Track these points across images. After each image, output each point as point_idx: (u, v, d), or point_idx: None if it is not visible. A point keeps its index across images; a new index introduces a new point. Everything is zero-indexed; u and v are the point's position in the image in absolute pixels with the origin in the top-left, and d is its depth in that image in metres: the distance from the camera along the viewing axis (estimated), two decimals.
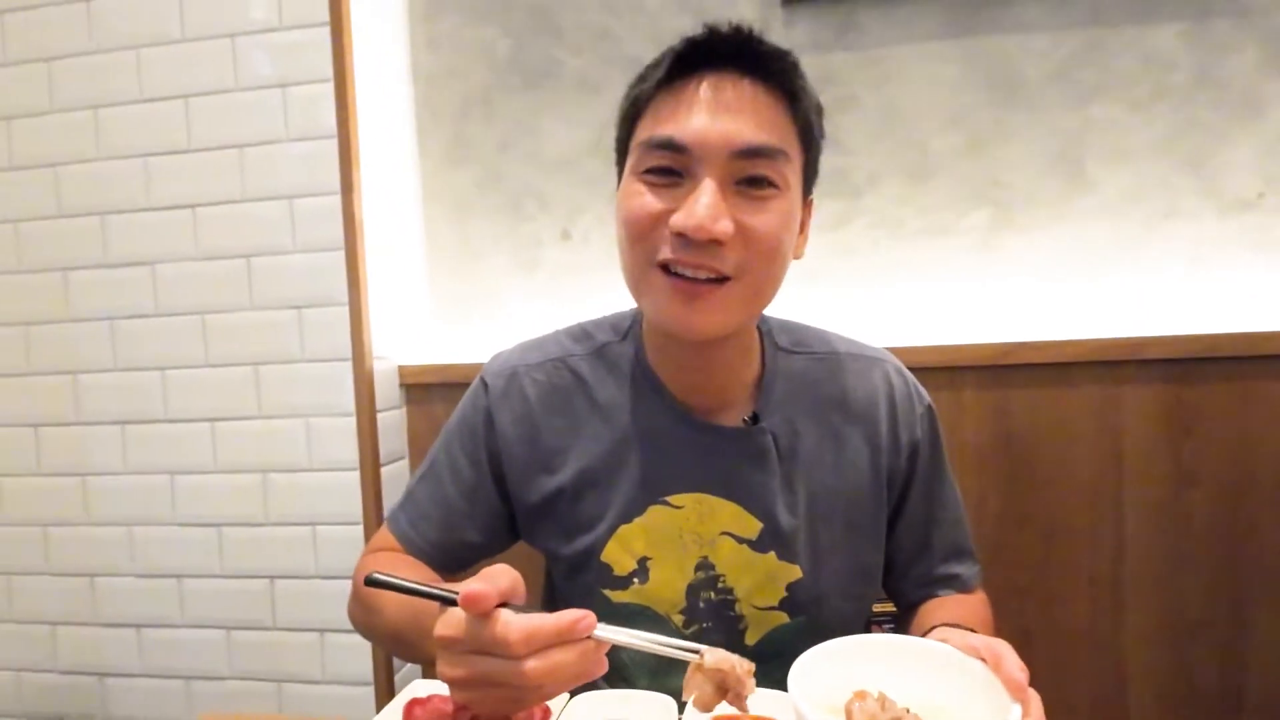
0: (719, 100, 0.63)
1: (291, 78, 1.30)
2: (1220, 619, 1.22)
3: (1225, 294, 1.26)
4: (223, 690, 1.40)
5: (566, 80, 1.43)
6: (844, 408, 0.75)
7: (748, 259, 0.63)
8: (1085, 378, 1.22)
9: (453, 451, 0.78)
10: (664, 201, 0.64)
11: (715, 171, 0.62)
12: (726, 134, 0.62)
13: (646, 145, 0.65)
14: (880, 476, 0.75)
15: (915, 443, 0.76)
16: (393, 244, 1.41)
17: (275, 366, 1.35)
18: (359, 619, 0.76)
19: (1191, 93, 1.26)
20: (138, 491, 1.41)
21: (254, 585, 1.38)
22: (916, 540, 0.78)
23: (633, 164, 0.66)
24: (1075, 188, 1.30)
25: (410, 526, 0.77)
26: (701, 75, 0.64)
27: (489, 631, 0.45)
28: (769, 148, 0.63)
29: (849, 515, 0.74)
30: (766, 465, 0.71)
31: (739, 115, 0.63)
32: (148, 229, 1.37)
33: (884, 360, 0.79)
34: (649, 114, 0.66)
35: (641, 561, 0.72)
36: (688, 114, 0.63)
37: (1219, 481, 1.20)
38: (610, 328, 0.79)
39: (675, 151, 0.63)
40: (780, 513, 0.71)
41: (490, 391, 0.77)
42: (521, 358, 0.78)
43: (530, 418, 0.75)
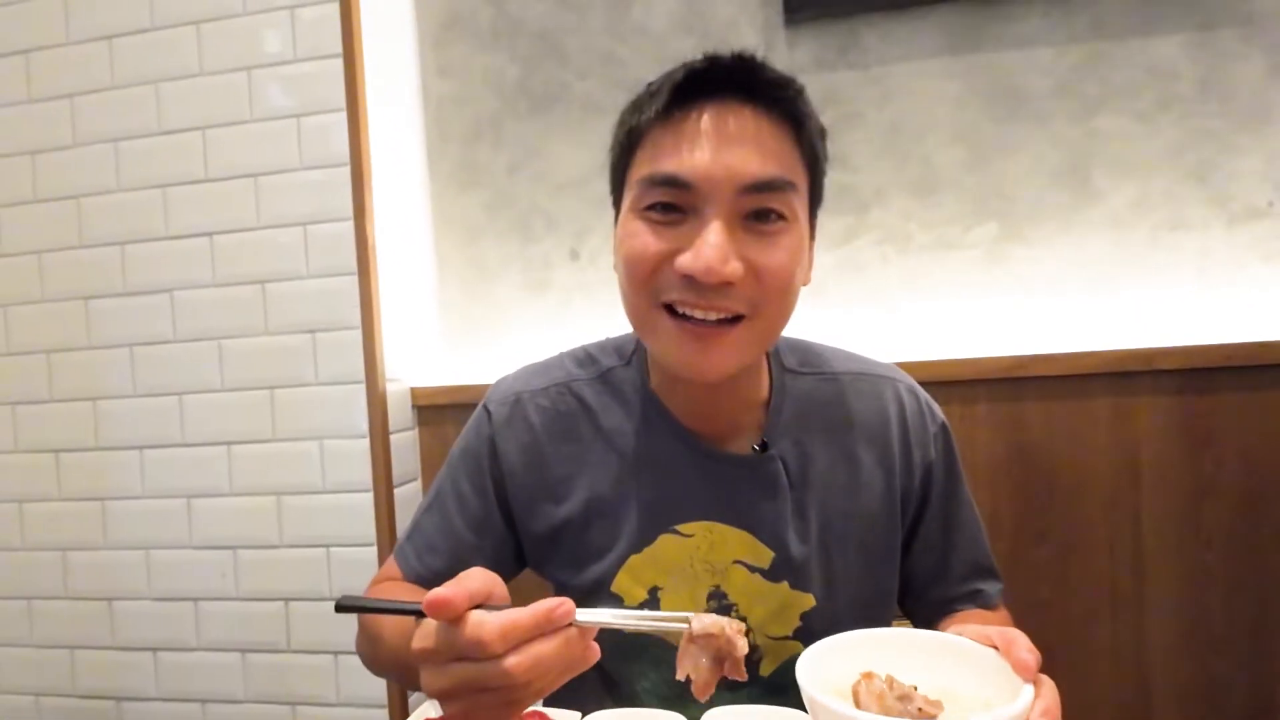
0: (722, 132, 0.60)
1: (305, 108, 1.33)
2: (1245, 631, 1.19)
3: (1237, 304, 1.25)
4: (238, 713, 1.41)
5: (573, 104, 1.45)
6: (855, 429, 0.73)
7: (760, 296, 0.61)
8: (1100, 389, 1.21)
9: (458, 481, 0.76)
10: (667, 241, 0.61)
11: (721, 208, 0.60)
12: (732, 169, 0.59)
13: (647, 182, 0.62)
14: (894, 498, 0.72)
15: (929, 463, 0.74)
16: (404, 267, 1.43)
17: (289, 390, 1.37)
18: (365, 653, 0.74)
19: (1197, 103, 1.26)
20: (155, 515, 1.42)
21: (268, 608, 1.39)
22: (934, 563, 0.75)
23: (632, 200, 0.64)
24: (1081, 200, 1.30)
25: (417, 560, 0.75)
26: (702, 105, 0.61)
27: (463, 636, 0.43)
28: (777, 181, 0.61)
29: (863, 539, 0.72)
30: (777, 493, 0.70)
31: (744, 148, 0.60)
32: (166, 257, 1.40)
33: (895, 379, 0.76)
34: (647, 146, 0.63)
35: (652, 591, 0.70)
36: (690, 148, 0.60)
37: (1238, 491, 1.19)
38: (614, 351, 0.77)
39: (678, 188, 0.60)
40: (792, 541, 0.69)
41: (494, 419, 0.75)
42: (525, 383, 0.76)
43: (536, 445, 0.73)
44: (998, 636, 0.47)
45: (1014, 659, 0.45)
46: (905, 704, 0.45)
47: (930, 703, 0.45)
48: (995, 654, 0.47)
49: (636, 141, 0.64)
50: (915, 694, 0.46)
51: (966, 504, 0.77)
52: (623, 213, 0.66)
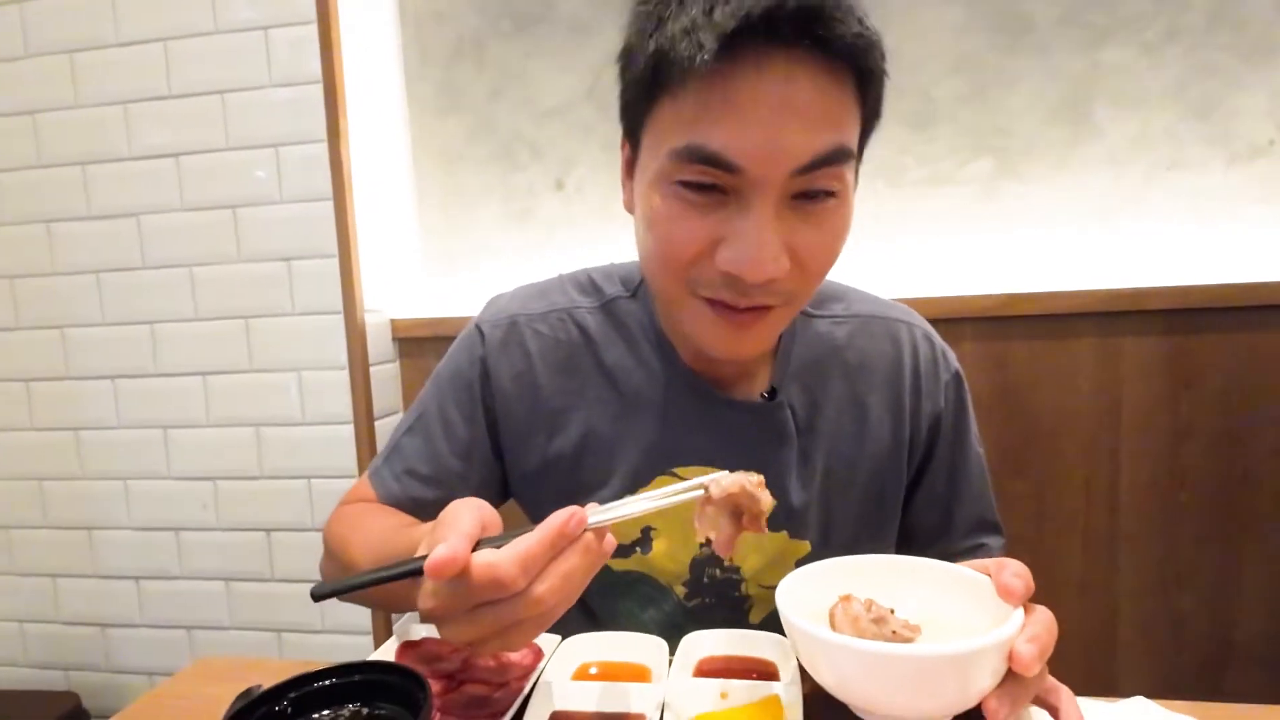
0: (780, 100, 0.50)
1: (273, 19, 1.26)
2: (1210, 570, 1.23)
3: (1231, 244, 1.24)
4: (224, 639, 1.42)
5: (559, 24, 1.38)
6: (866, 374, 0.69)
7: (802, 285, 0.56)
8: (1086, 329, 1.21)
9: (445, 405, 0.71)
10: (707, 228, 0.53)
11: (771, 194, 0.52)
12: (788, 148, 0.50)
13: (685, 154, 0.52)
14: (901, 447, 0.70)
15: (938, 413, 0.71)
16: (382, 194, 1.38)
17: (266, 319, 1.33)
18: (331, 577, 0.69)
19: (1206, 35, 1.22)
20: (131, 446, 1.41)
21: (251, 538, 1.39)
22: (937, 516, 0.72)
23: (662, 169, 0.54)
24: (1080, 135, 1.27)
25: (396, 482, 0.71)
26: (757, 59, 0.49)
27: (478, 582, 0.40)
28: (836, 153, 0.52)
29: (865, 487, 0.69)
30: (783, 441, 0.67)
31: (803, 119, 0.50)
32: (131, 179, 1.34)
33: (911, 323, 0.72)
34: (684, 101, 0.51)
35: (645, 531, 0.68)
36: (739, 121, 0.50)
37: (1215, 433, 1.20)
38: (620, 281, 0.71)
39: (722, 168, 0.51)
40: (794, 489, 0.67)
41: (487, 341, 0.70)
42: (522, 306, 0.71)
43: (531, 374, 0.69)
44: (992, 564, 0.46)
45: (999, 582, 0.44)
46: (880, 626, 0.44)
47: (907, 626, 0.45)
48: (989, 581, 0.45)
49: (665, 80, 0.52)
50: (892, 617, 0.45)
51: (974, 457, 0.73)
52: (648, 175, 0.56)
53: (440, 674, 0.57)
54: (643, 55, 0.53)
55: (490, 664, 0.57)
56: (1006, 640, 0.40)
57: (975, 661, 0.40)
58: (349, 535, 0.65)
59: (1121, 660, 1.26)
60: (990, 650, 0.40)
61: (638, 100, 0.56)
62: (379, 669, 0.48)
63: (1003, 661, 0.41)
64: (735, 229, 0.53)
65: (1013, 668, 0.41)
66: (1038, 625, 0.43)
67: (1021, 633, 0.41)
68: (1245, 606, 1.23)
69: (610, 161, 1.41)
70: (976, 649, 0.39)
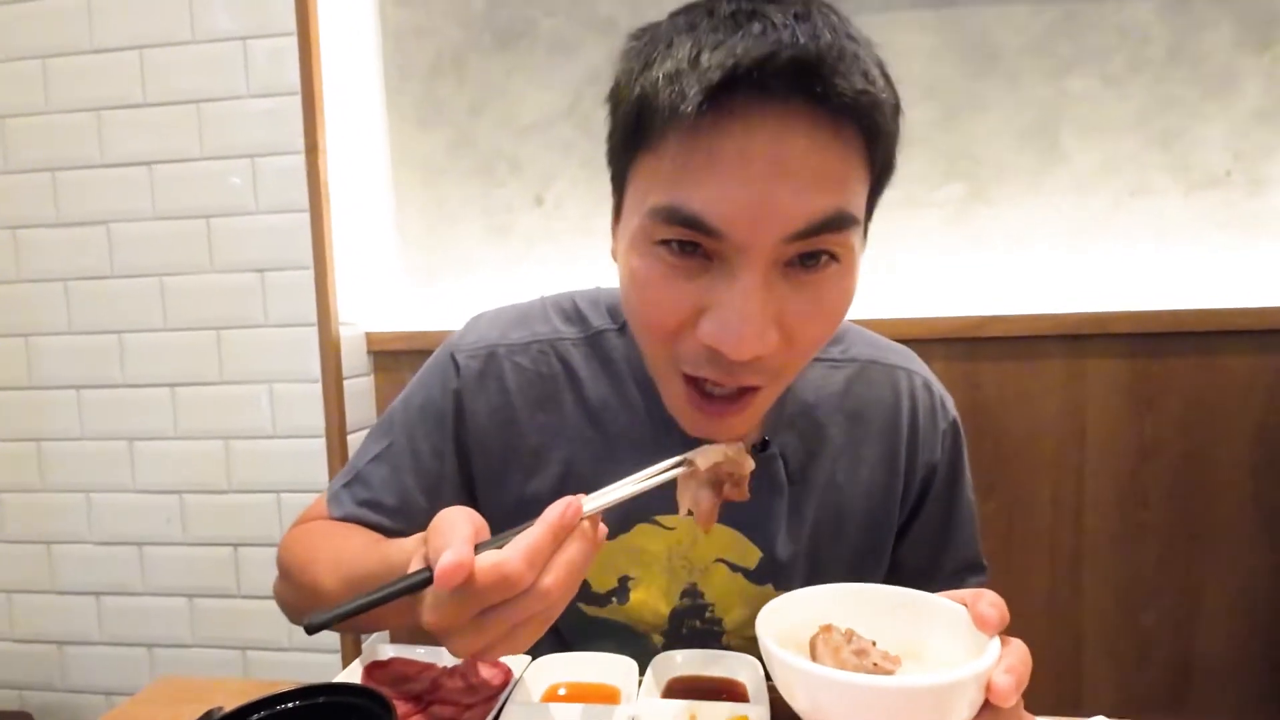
0: (771, 160, 0.44)
1: (253, 30, 1.25)
2: (1172, 588, 1.25)
3: (1191, 270, 1.28)
4: (186, 657, 1.39)
5: (540, 41, 1.39)
6: (863, 423, 0.66)
7: (790, 361, 0.51)
8: (1054, 351, 1.24)
9: (415, 437, 0.67)
10: (689, 296, 0.48)
11: (759, 261, 0.46)
12: (777, 212, 0.45)
13: (664, 215, 0.47)
14: (893, 497, 0.68)
15: (933, 464, 0.69)
16: (360, 206, 1.37)
17: (238, 331, 1.31)
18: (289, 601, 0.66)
19: (1166, 68, 1.26)
20: (95, 457, 1.37)
21: (217, 553, 1.36)
22: (924, 557, 0.71)
23: (641, 228, 0.49)
24: (1048, 161, 1.30)
25: (356, 509, 0.67)
26: (745, 113, 0.44)
27: (485, 584, 0.39)
28: (834, 219, 0.46)
29: (855, 538, 0.67)
30: (774, 492, 0.64)
31: (796, 180, 0.45)
32: (102, 186, 1.32)
33: (911, 370, 0.69)
34: (664, 155, 0.47)
35: (622, 580, 0.65)
36: (723, 181, 0.45)
37: (1177, 454, 1.23)
38: (608, 312, 0.67)
39: (705, 233, 0.46)
40: (782, 542, 0.65)
41: (462, 373, 0.66)
42: (502, 334, 0.67)
43: (508, 409, 0.65)
44: (969, 594, 0.46)
45: (974, 612, 0.44)
46: (861, 658, 0.44)
47: (888, 658, 0.45)
48: (965, 611, 0.46)
49: (647, 129, 0.47)
50: (873, 649, 0.45)
51: (965, 503, 0.71)
52: (629, 231, 0.51)
53: (408, 695, 0.56)
54: (628, 99, 0.49)
55: (459, 685, 0.57)
56: (984, 672, 0.41)
57: (954, 693, 0.40)
58: (312, 556, 0.62)
59: (1086, 677, 1.28)
60: (969, 682, 0.40)
61: (622, 146, 0.52)
62: (345, 691, 0.48)
63: (980, 692, 0.41)
64: (718, 298, 0.47)
65: (990, 699, 0.41)
66: (1014, 657, 0.43)
67: (999, 664, 0.42)
68: (1206, 624, 1.25)
69: (590, 178, 1.42)
70: (956, 680, 0.40)
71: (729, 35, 0.44)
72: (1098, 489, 1.25)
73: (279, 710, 0.46)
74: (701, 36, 0.45)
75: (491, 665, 0.59)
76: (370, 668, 0.59)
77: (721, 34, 0.45)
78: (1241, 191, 1.27)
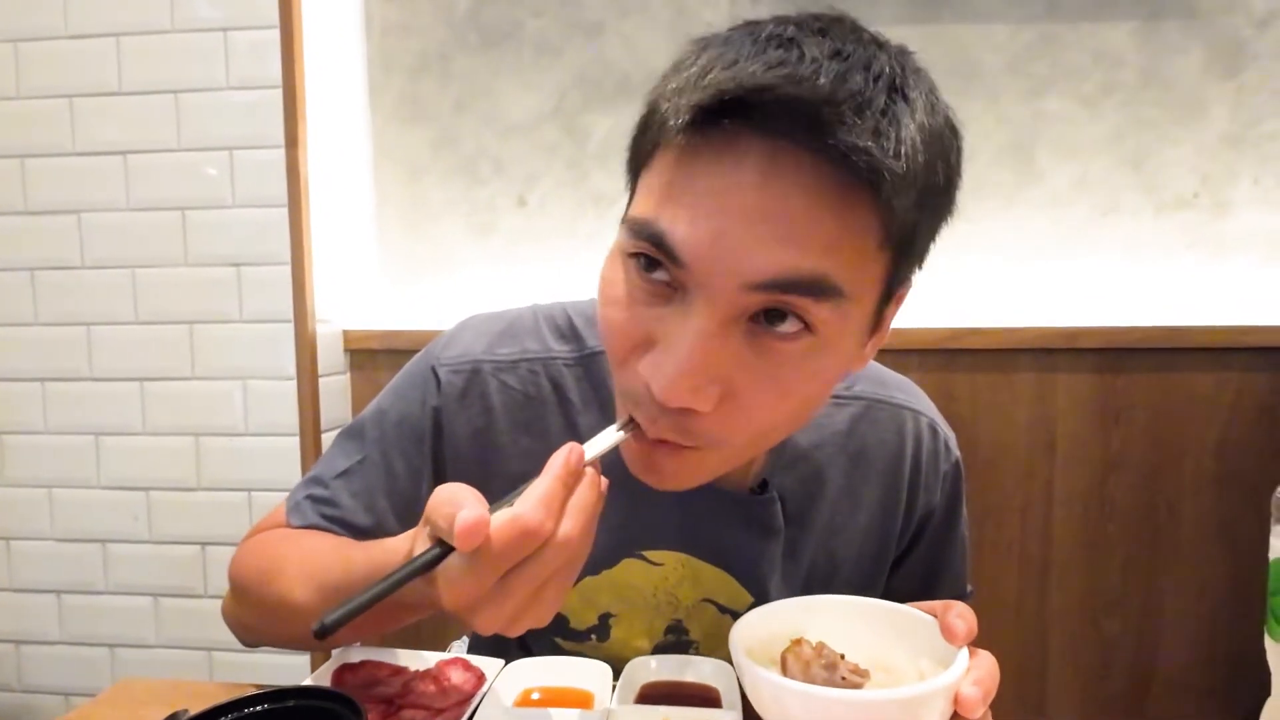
0: (752, 198, 0.40)
1: (234, 21, 1.23)
2: (1135, 596, 1.28)
3: (1158, 288, 1.31)
4: (149, 658, 1.36)
5: (526, 42, 1.39)
6: (864, 464, 0.64)
7: (733, 430, 0.45)
8: (1025, 364, 1.26)
9: (389, 453, 0.63)
10: (646, 320, 0.45)
11: (719, 303, 0.42)
12: (742, 255, 0.41)
13: (636, 228, 0.44)
14: (889, 540, 0.66)
15: (932, 506, 0.67)
16: (340, 203, 1.36)
17: (211, 326, 1.29)
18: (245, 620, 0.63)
19: (1138, 91, 1.29)
20: (58, 452, 1.34)
21: (184, 551, 1.34)
22: (914, 588, 0.69)
23: (622, 235, 0.46)
24: (1024, 179, 1.33)
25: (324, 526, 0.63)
26: (735, 139, 0.40)
27: (503, 542, 0.37)
28: (809, 282, 0.41)
29: (847, 582, 0.65)
30: (769, 535, 0.61)
31: (774, 226, 0.40)
32: (73, 175, 1.29)
33: (917, 411, 0.66)
34: (655, 170, 0.44)
35: (603, 617, 0.63)
36: (695, 208, 0.41)
37: (1142, 467, 1.26)
38: None
39: (667, 256, 0.43)
40: (775, 586, 0.62)
41: (443, 389, 0.61)
42: (488, 349, 0.62)
43: (491, 431, 0.61)
44: (939, 605, 0.47)
45: (943, 623, 0.45)
46: (831, 672, 0.45)
47: (857, 671, 0.46)
48: (934, 622, 0.46)
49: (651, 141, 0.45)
50: (842, 662, 0.46)
51: (960, 542, 0.70)
52: (617, 238, 0.47)
53: (379, 699, 0.55)
54: (653, 102, 0.46)
55: (431, 689, 0.56)
56: (952, 684, 0.41)
57: (922, 705, 0.41)
58: (277, 567, 0.59)
59: (1051, 684, 1.31)
60: (937, 694, 0.41)
61: (632, 156, 0.49)
62: (314, 694, 0.47)
63: (949, 704, 0.42)
64: (666, 331, 0.43)
65: (958, 710, 0.42)
66: (982, 669, 0.43)
67: (966, 676, 0.42)
68: (1168, 633, 1.28)
69: (574, 180, 1.42)
70: (923, 693, 0.41)
71: (747, 58, 0.40)
72: (1066, 500, 1.28)
73: (247, 714, 0.46)
74: (726, 54, 0.42)
75: (464, 669, 0.59)
76: (340, 671, 0.59)
77: (743, 55, 0.41)
78: (1208, 213, 1.31)
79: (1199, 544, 1.26)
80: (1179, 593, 1.27)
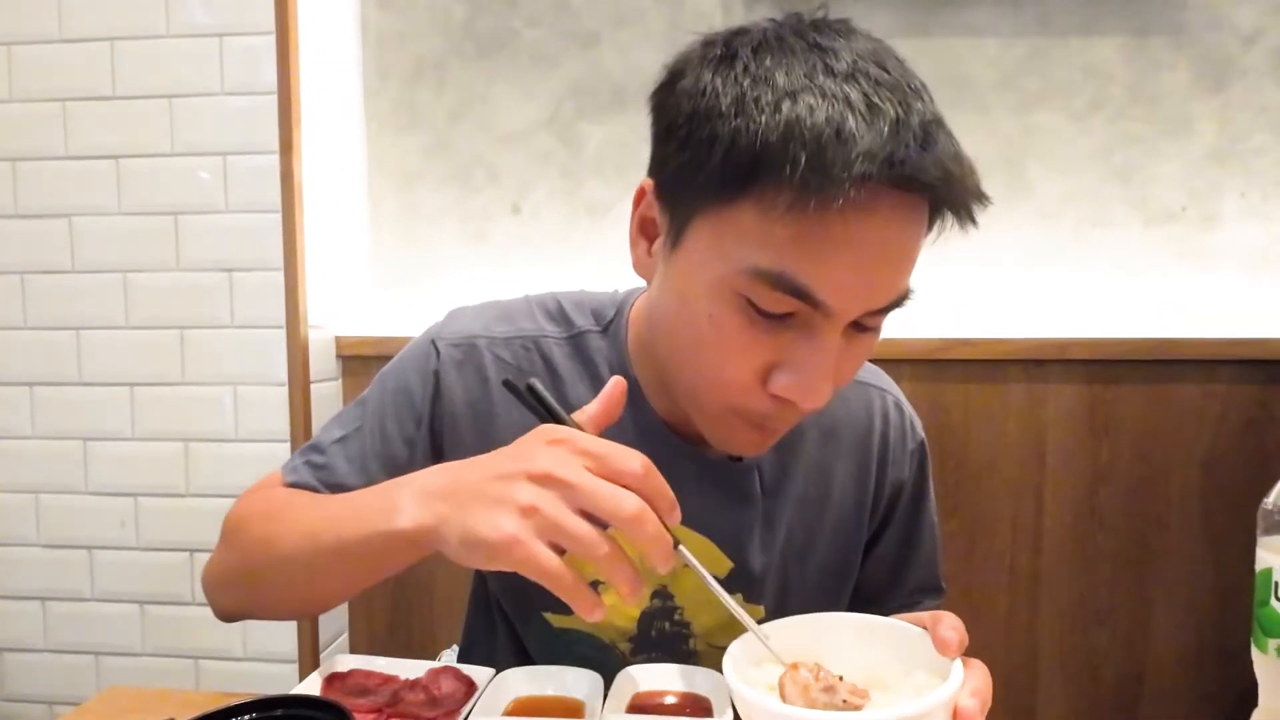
0: (879, 245, 0.47)
1: (230, 27, 1.23)
2: (1124, 606, 1.29)
3: (1146, 300, 1.33)
4: (135, 666, 1.35)
5: (521, 52, 1.40)
6: (836, 440, 0.68)
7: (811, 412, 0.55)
8: (1015, 375, 1.27)
9: (385, 420, 0.66)
10: (768, 349, 0.50)
11: (840, 326, 0.50)
12: (878, 293, 0.49)
13: (768, 280, 0.47)
14: (863, 514, 0.69)
15: (901, 482, 0.71)
16: (333, 209, 1.36)
17: (203, 331, 1.29)
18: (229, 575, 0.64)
19: (1126, 106, 1.31)
20: (46, 457, 1.33)
21: (172, 558, 1.33)
22: (885, 577, 0.72)
23: (728, 278, 0.49)
24: (1014, 191, 1.34)
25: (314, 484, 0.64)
26: (872, 197, 0.45)
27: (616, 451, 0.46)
28: (907, 295, 0.51)
29: (825, 555, 0.68)
30: (748, 503, 0.65)
31: (894, 264, 0.49)
32: (65, 178, 1.28)
33: (885, 390, 0.71)
34: (777, 218, 0.46)
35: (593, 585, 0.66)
36: (838, 262, 0.47)
37: (1131, 478, 1.27)
38: (591, 313, 0.67)
39: (805, 302, 0.47)
40: (754, 553, 0.65)
41: (442, 358, 0.65)
42: (485, 327, 0.66)
43: (486, 401, 0.64)
44: (929, 617, 0.47)
45: (935, 636, 0.45)
46: (830, 695, 0.45)
47: (856, 692, 0.46)
48: (924, 633, 0.47)
49: (757, 181, 0.46)
50: (840, 684, 0.46)
51: (928, 524, 0.74)
52: (705, 274, 0.50)
53: (368, 708, 0.55)
54: (722, 139, 0.47)
55: (420, 698, 0.56)
56: (951, 697, 0.42)
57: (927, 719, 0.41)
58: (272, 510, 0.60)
59: (1041, 694, 1.31)
60: (938, 709, 0.41)
61: (703, 183, 0.49)
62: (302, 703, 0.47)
63: (949, 717, 0.42)
64: (798, 357, 0.50)
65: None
66: (977, 679, 0.44)
67: (963, 688, 0.42)
68: (1156, 645, 1.29)
69: (569, 190, 1.42)
70: (925, 709, 0.40)
71: (869, 113, 0.45)
72: (1056, 511, 1.29)
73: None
74: (836, 97, 0.45)
75: (454, 678, 0.58)
76: (329, 679, 0.58)
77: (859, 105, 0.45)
78: (1195, 227, 1.32)
79: (1187, 554, 1.27)
80: (1168, 603, 1.28)
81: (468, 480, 0.47)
